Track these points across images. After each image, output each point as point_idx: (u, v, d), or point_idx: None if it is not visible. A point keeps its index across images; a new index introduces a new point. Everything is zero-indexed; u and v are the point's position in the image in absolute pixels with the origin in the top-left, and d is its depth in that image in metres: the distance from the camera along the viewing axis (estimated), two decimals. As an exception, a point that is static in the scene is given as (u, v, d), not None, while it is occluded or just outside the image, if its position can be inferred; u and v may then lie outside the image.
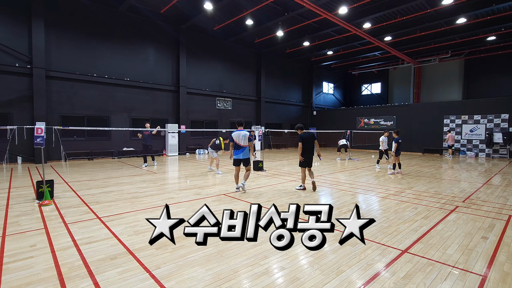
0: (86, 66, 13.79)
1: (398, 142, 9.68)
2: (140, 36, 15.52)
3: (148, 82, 15.89)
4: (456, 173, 10.45)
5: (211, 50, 18.76)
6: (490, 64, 20.89)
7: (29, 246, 3.62)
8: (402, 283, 2.80)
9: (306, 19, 16.07)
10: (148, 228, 4.35)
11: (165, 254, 3.41)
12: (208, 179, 8.74)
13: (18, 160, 12.07)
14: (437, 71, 23.20)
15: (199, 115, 18.43)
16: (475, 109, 17.39)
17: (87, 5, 13.70)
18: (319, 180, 8.71)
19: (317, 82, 27.19)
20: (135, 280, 2.83)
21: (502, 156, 16.30)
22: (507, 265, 3.20)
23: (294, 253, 3.48)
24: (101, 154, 14.27)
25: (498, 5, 13.28)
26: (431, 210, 5.43)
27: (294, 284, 2.77)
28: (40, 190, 5.85)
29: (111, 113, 14.73)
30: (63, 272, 2.97)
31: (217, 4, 13.82)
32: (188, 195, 6.57)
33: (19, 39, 12.07)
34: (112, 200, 6.08)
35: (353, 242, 3.81)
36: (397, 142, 9.68)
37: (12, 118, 12.04)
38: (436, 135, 18.69)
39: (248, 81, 21.32)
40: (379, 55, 22.99)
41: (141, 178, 8.85)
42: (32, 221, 4.65)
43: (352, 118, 23.53)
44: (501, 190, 7.40)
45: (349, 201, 6.09)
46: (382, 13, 14.47)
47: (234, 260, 3.27)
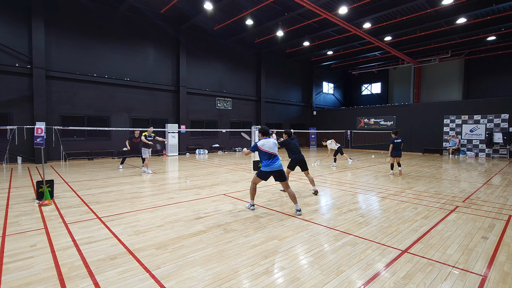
0: (86, 66, 13.79)
1: (394, 142, 9.64)
2: (140, 36, 15.53)
3: (148, 82, 15.89)
4: (456, 173, 10.45)
5: (211, 50, 18.77)
6: (490, 64, 20.89)
7: (29, 246, 3.62)
8: (402, 283, 2.80)
9: (306, 19, 16.07)
10: (148, 228, 4.35)
11: (165, 254, 3.41)
12: (208, 179, 8.74)
13: (18, 160, 12.07)
14: (437, 71, 23.20)
15: (199, 115, 18.44)
16: (475, 109, 17.39)
17: (87, 5, 13.70)
18: (318, 180, 8.72)
19: (317, 82, 27.20)
20: (135, 280, 2.83)
21: (502, 156, 16.30)
22: (507, 265, 3.20)
23: (294, 253, 3.48)
24: (101, 154, 14.28)
25: (498, 5, 13.28)
26: (431, 210, 5.43)
27: (294, 284, 2.77)
28: (40, 190, 5.85)
29: (111, 113, 14.74)
30: (63, 272, 2.97)
31: (217, 4, 13.82)
32: (188, 195, 6.57)
33: (19, 39, 12.07)
34: (112, 200, 6.08)
35: (353, 242, 3.82)
36: (392, 143, 9.65)
37: (12, 118, 12.04)
38: (436, 135, 18.69)
39: (248, 81, 21.32)
40: (379, 55, 22.99)
41: (141, 178, 8.85)
42: (32, 221, 4.65)
43: (352, 118, 23.53)
44: (501, 190, 7.40)
45: (349, 201, 6.09)
46: (382, 13, 14.46)
47: (234, 260, 3.27)
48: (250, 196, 5.46)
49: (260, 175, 5.24)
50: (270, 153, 5.17)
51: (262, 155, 5.23)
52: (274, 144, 5.29)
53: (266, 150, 5.16)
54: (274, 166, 5.14)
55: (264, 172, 5.17)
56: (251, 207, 5.43)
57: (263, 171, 5.17)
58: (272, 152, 5.19)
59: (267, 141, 5.23)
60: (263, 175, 5.21)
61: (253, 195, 5.45)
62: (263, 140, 5.26)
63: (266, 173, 5.17)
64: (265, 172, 5.16)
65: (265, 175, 5.21)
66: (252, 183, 5.42)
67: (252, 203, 5.47)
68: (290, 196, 5.23)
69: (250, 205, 5.47)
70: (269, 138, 5.33)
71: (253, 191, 5.42)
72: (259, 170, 5.26)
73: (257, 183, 5.40)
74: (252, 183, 5.42)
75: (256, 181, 5.38)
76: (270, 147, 5.19)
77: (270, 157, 5.17)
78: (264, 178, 5.26)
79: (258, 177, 5.28)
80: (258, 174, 5.26)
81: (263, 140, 5.25)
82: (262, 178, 5.27)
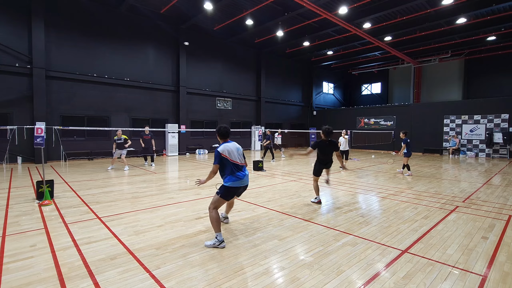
0: (86, 66, 13.79)
1: (407, 142, 9.64)
2: (140, 36, 15.52)
3: (148, 82, 15.89)
4: (456, 173, 10.45)
5: (211, 50, 18.77)
6: (490, 64, 20.89)
7: (29, 246, 3.62)
8: (402, 283, 2.80)
9: (306, 19, 16.06)
10: (148, 228, 4.35)
11: (165, 254, 3.41)
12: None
13: (18, 160, 12.07)
14: (437, 71, 23.19)
15: (199, 115, 18.43)
16: (475, 109, 17.39)
17: (87, 5, 13.70)
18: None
19: (317, 82, 27.19)
20: (135, 280, 2.83)
21: (502, 156, 16.30)
22: (507, 265, 3.20)
23: (294, 253, 3.48)
24: (101, 154, 14.27)
25: (498, 5, 13.27)
26: (431, 210, 5.43)
27: (294, 284, 2.77)
28: (40, 190, 5.85)
29: (111, 113, 14.74)
30: (63, 272, 2.97)
31: (217, 4, 13.82)
32: (188, 195, 6.57)
33: (19, 39, 12.07)
34: (112, 200, 6.08)
35: (353, 242, 3.82)
36: (406, 143, 9.63)
37: (12, 118, 12.04)
38: (436, 135, 18.69)
39: (248, 81, 21.32)
40: (379, 55, 22.99)
41: (141, 178, 8.85)
42: (32, 221, 4.65)
43: (352, 118, 23.53)
44: (501, 190, 7.40)
45: (349, 201, 6.09)
46: (382, 13, 14.46)
47: (234, 260, 3.26)
48: (215, 227, 3.67)
49: (317, 173, 4.05)
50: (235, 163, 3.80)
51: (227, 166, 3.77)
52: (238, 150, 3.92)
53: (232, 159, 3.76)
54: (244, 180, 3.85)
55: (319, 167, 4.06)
56: (219, 244, 3.60)
57: (319, 167, 4.04)
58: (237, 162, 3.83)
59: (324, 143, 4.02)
60: (317, 172, 4.06)
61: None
62: (321, 141, 4.15)
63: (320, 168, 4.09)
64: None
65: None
66: (213, 208, 3.73)
67: (221, 238, 3.63)
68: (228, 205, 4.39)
69: (217, 241, 3.61)
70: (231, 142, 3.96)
71: (218, 220, 3.70)
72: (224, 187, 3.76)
73: (219, 207, 3.82)
74: (213, 207, 3.73)
75: (219, 205, 3.79)
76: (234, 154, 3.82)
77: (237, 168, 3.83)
78: (318, 174, 4.18)
79: (317, 175, 4.13)
80: (222, 194, 3.74)
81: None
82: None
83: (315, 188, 5.89)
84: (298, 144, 24.98)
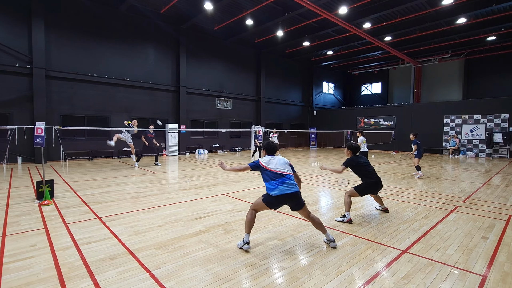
0: (86, 66, 13.79)
1: (418, 144, 9.54)
2: (140, 36, 15.52)
3: (148, 82, 15.89)
4: (456, 173, 10.45)
5: (211, 50, 18.77)
6: (490, 64, 20.89)
7: (29, 246, 3.62)
8: (402, 283, 2.80)
9: (306, 19, 16.07)
10: (148, 228, 4.35)
11: (165, 254, 3.41)
12: (208, 179, 8.73)
13: (18, 160, 12.07)
14: (437, 71, 23.20)
15: (199, 115, 18.44)
16: (475, 109, 17.39)
17: (87, 5, 13.70)
18: (318, 180, 8.72)
19: (317, 82, 27.19)
20: (135, 280, 2.83)
21: (502, 156, 16.30)
22: (507, 265, 3.20)
23: (294, 253, 3.48)
24: (101, 154, 14.27)
25: (498, 5, 13.27)
26: (431, 210, 5.43)
27: (294, 284, 2.77)
28: (40, 190, 5.85)
29: (111, 113, 14.74)
30: (63, 272, 2.97)
31: (217, 4, 13.82)
32: (188, 195, 6.57)
33: (19, 39, 12.07)
34: (112, 200, 6.08)
35: (353, 242, 3.82)
36: (416, 144, 9.52)
37: (12, 118, 12.04)
38: (436, 135, 18.69)
39: (248, 81, 21.32)
40: (379, 55, 22.99)
41: (141, 178, 8.85)
42: (32, 221, 4.65)
43: (352, 118, 23.53)
44: (501, 190, 7.40)
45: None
46: (382, 13, 14.47)
47: (234, 260, 3.26)
48: (246, 227, 3.59)
49: (268, 201, 3.56)
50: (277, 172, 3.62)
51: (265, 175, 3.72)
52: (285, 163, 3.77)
53: (271, 168, 3.64)
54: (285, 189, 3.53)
55: (273, 198, 3.51)
56: (244, 245, 3.53)
57: (272, 196, 3.51)
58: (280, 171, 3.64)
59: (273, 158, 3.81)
60: (272, 201, 3.54)
61: (250, 226, 3.59)
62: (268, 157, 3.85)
63: (275, 198, 3.50)
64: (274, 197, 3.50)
65: (275, 201, 3.54)
66: (251, 209, 3.64)
67: (247, 239, 3.54)
68: (316, 224, 3.72)
69: (243, 242, 3.56)
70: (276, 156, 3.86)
71: (250, 222, 3.58)
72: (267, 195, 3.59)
73: (259, 210, 3.69)
74: (251, 209, 3.64)
75: (258, 208, 3.64)
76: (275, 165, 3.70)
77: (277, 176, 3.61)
78: (273, 206, 3.60)
79: (265, 203, 3.58)
80: (265, 199, 3.58)
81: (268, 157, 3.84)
82: (270, 206, 3.59)
83: (347, 203, 4.71)
84: (298, 144, 25.00)
